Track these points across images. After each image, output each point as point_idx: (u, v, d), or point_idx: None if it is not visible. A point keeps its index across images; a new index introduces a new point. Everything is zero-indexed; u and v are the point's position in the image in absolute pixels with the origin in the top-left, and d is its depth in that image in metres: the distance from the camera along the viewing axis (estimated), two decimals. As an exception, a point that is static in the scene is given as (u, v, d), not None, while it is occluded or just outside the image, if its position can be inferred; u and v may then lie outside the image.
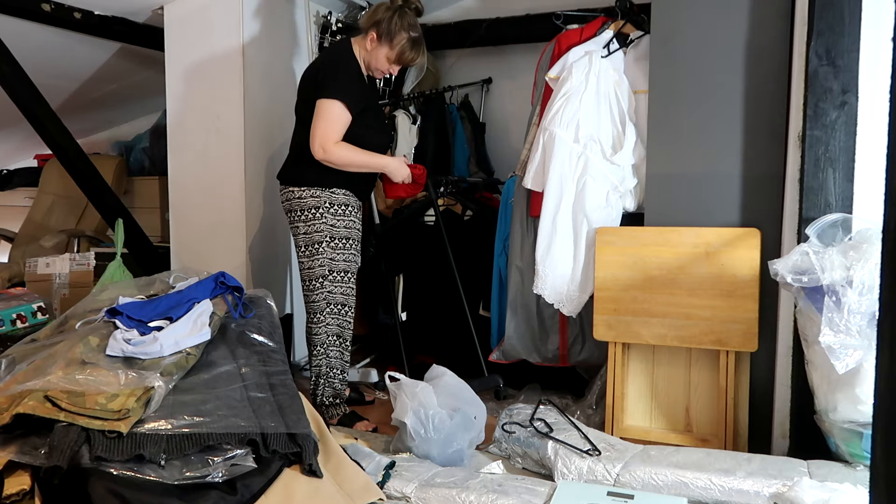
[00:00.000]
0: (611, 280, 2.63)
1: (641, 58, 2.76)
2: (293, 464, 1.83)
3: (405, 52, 2.65)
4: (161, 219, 4.25)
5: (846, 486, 1.85)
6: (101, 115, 4.74)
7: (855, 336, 1.99)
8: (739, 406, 2.50)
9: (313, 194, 2.63)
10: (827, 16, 2.20)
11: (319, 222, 2.63)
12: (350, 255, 2.70)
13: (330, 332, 2.71)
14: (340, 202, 2.66)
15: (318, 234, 2.64)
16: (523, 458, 2.33)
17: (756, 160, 2.48)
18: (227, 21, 3.07)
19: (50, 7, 3.05)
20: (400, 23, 2.61)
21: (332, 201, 2.65)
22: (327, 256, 2.65)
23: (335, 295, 2.69)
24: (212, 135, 3.15)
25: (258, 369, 2.03)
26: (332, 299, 2.69)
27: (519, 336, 3.03)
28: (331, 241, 2.65)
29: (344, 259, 2.68)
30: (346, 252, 2.68)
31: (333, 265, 2.66)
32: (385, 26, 2.61)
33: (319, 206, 2.63)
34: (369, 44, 2.65)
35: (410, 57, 2.68)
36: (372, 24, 2.64)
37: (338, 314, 2.71)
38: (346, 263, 2.69)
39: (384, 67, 2.68)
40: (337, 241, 2.66)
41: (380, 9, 2.66)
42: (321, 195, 2.63)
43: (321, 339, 2.70)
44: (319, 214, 2.63)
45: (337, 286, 2.68)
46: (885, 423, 0.88)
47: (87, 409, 1.66)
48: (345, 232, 2.67)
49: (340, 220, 2.66)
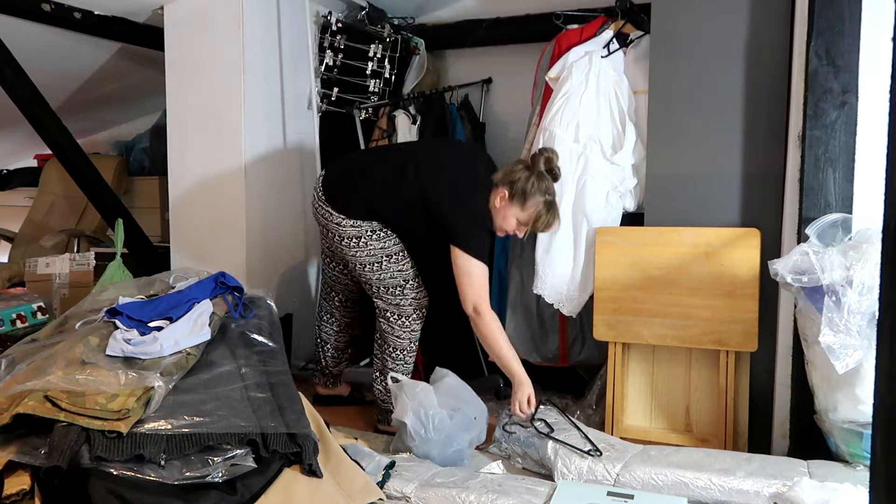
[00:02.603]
0: (611, 280, 2.63)
1: (641, 58, 2.76)
2: (293, 464, 1.83)
3: (541, 216, 2.49)
4: (161, 219, 4.24)
5: (846, 486, 1.86)
6: (101, 115, 4.74)
7: (855, 336, 1.99)
8: (739, 406, 2.50)
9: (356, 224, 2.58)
10: (827, 16, 2.20)
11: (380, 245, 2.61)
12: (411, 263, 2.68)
13: (414, 339, 2.69)
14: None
15: (385, 251, 2.62)
16: (523, 458, 2.33)
17: (756, 160, 2.48)
18: (227, 21, 3.06)
19: (50, 7, 3.04)
20: (538, 185, 2.45)
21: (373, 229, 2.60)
22: (398, 268, 2.63)
23: (419, 300, 2.67)
24: (212, 135, 3.15)
25: (258, 369, 2.02)
26: (417, 304, 2.66)
27: (519, 336, 3.03)
28: (397, 255, 2.62)
29: (413, 266, 2.67)
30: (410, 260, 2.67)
31: (408, 273, 2.65)
32: (521, 185, 2.45)
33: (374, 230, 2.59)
34: (499, 201, 2.49)
35: (546, 221, 2.51)
36: (507, 182, 2.48)
37: (422, 318, 2.69)
38: (416, 270, 2.68)
39: (511, 229, 2.53)
40: (401, 254, 2.64)
41: (517, 168, 2.51)
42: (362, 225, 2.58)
43: (405, 344, 2.68)
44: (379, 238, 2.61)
45: (419, 292, 2.67)
46: (885, 423, 0.88)
47: (87, 410, 1.66)
48: (398, 247, 2.64)
49: (393, 238, 2.62)
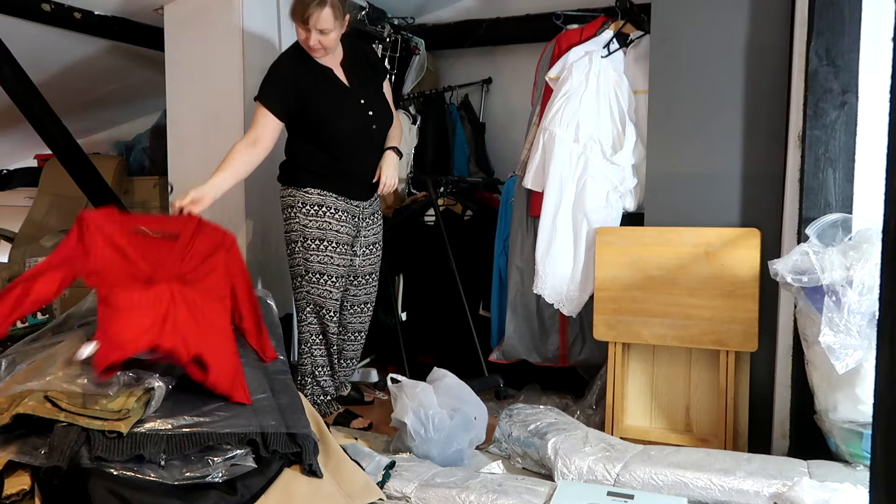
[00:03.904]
0: (611, 280, 2.63)
1: (641, 58, 2.76)
2: (293, 464, 1.83)
3: (296, 7, 2.46)
4: (161, 219, 4.24)
5: (846, 486, 1.85)
6: (101, 115, 4.74)
7: (855, 336, 1.99)
8: (739, 406, 2.50)
9: (290, 193, 2.64)
10: (827, 16, 2.20)
11: (293, 222, 2.63)
12: (325, 258, 2.62)
13: (312, 332, 2.70)
14: (313, 202, 2.61)
15: (294, 234, 2.63)
16: (523, 458, 2.33)
17: (756, 160, 2.48)
18: (227, 21, 3.06)
19: (50, 7, 3.05)
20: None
21: (305, 201, 2.61)
22: (301, 256, 2.63)
23: (313, 296, 2.66)
24: (212, 135, 3.15)
25: (258, 369, 2.03)
26: (311, 299, 2.66)
27: (519, 336, 3.03)
28: (304, 242, 2.62)
29: (318, 261, 2.62)
30: (319, 254, 2.61)
31: (308, 265, 2.63)
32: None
33: (294, 205, 2.62)
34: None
35: (301, 10, 2.44)
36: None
37: (317, 314, 2.68)
38: (321, 265, 2.62)
39: (302, 39, 2.51)
40: (309, 241, 2.61)
41: None
42: (295, 194, 2.63)
43: (305, 337, 2.71)
44: (293, 214, 2.62)
45: (314, 287, 2.64)
46: (885, 423, 0.88)
47: (86, 410, 1.66)
48: (317, 233, 2.60)
49: (312, 221, 2.60)
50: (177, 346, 1.75)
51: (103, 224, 2.00)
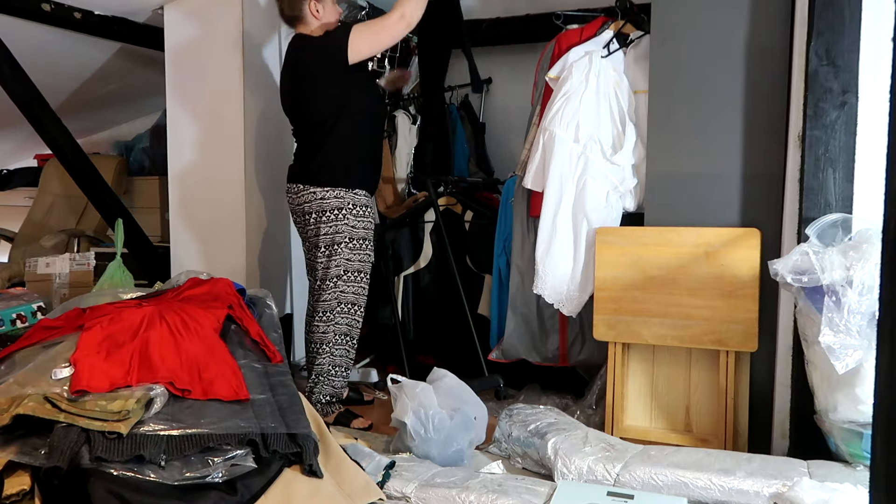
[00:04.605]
0: (611, 280, 2.63)
1: (641, 58, 2.76)
2: (293, 464, 1.83)
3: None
4: (161, 219, 4.24)
5: (846, 486, 1.85)
6: (101, 115, 4.74)
7: (855, 336, 1.99)
8: (739, 406, 2.50)
9: (337, 195, 2.64)
10: (827, 16, 2.20)
11: (342, 223, 2.64)
12: (365, 256, 2.72)
13: (339, 332, 2.72)
14: (361, 203, 2.68)
15: (339, 235, 2.65)
16: (523, 458, 2.33)
17: (756, 160, 2.48)
18: (227, 21, 3.06)
19: (50, 7, 3.05)
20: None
21: (355, 202, 2.66)
22: (344, 257, 2.66)
23: (347, 294, 2.70)
24: (212, 135, 3.15)
25: (258, 370, 2.02)
26: (344, 298, 2.70)
27: (519, 336, 3.03)
28: (350, 242, 2.66)
29: (359, 259, 2.70)
30: (361, 252, 2.70)
31: (349, 265, 2.68)
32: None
33: (343, 207, 2.64)
34: (319, 10, 2.70)
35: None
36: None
37: (347, 313, 2.73)
38: (360, 263, 2.71)
39: (339, 16, 2.79)
40: (355, 241, 2.67)
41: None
42: (345, 196, 2.64)
43: (328, 337, 2.71)
44: (342, 216, 2.64)
45: (350, 285, 2.70)
46: (885, 423, 0.88)
47: (86, 411, 1.66)
48: (363, 233, 2.69)
49: (360, 221, 2.68)
50: (147, 381, 1.79)
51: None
